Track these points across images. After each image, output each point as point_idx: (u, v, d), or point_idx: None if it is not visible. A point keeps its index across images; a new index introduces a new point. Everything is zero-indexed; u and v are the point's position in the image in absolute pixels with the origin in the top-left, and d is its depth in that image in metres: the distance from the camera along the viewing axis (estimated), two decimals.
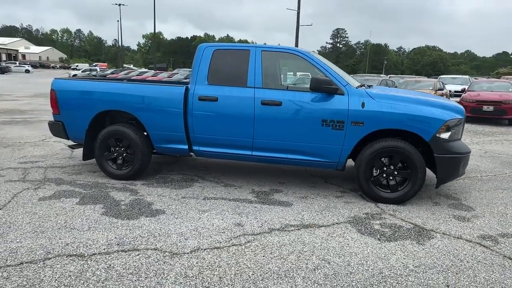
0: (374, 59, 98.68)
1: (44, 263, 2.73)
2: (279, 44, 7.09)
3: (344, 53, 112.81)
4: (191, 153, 4.77)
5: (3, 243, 3.02)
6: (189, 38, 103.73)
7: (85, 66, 57.81)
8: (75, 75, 37.65)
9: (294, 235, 3.33)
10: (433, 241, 3.29)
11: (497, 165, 6.30)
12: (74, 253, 2.89)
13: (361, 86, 4.63)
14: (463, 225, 3.66)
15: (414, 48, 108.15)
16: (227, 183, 4.86)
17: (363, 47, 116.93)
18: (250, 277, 2.63)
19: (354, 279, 2.63)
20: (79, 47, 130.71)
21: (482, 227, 3.62)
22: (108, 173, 4.86)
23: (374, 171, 4.23)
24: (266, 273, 2.68)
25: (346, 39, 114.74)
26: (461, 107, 4.44)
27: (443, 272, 2.75)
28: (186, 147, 4.67)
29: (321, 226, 3.54)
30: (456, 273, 2.74)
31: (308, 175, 5.36)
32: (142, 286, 2.49)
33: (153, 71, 35.87)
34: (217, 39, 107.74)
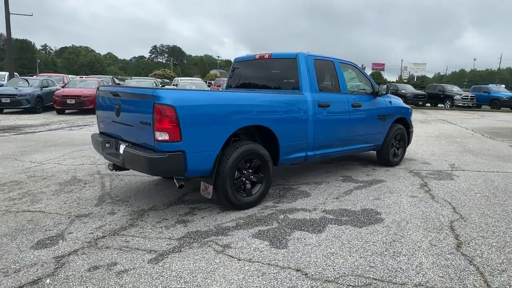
0: (21, 57, 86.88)
1: None
2: None
3: None
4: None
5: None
6: None
7: None
8: None
9: (443, 189, 4.98)
10: (460, 173, 5.95)
11: None
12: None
13: None
14: (434, 165, 6.55)
15: (66, 47, 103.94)
16: (307, 182, 5.28)
17: None
18: None
19: (493, 197, 4.85)
20: None
21: (440, 165, 6.67)
22: (237, 204, 3.99)
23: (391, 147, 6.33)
24: None
25: None
26: None
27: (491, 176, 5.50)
28: (304, 154, 4.72)
29: (434, 188, 5.32)
30: (484, 178, 5.55)
31: (322, 164, 6.51)
32: None
33: None
34: None
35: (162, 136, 3.37)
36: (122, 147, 3.97)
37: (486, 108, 26.06)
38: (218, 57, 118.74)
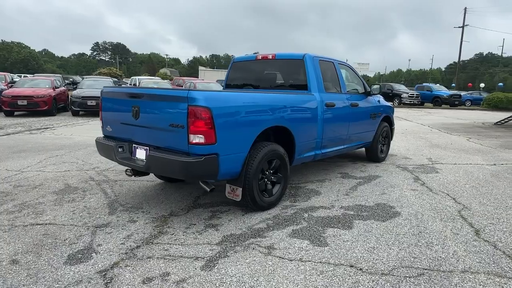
0: None
1: None
2: None
3: None
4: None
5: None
6: None
7: None
8: None
9: (435, 181, 5.36)
10: (441, 166, 6.43)
11: None
12: None
13: None
14: (415, 160, 7.02)
15: None
16: (310, 181, 5.41)
17: None
18: None
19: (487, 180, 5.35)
20: None
21: (420, 160, 7.16)
22: (261, 205, 4.00)
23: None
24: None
25: None
26: None
27: (469, 168, 6.03)
28: (314, 153, 4.82)
29: (427, 181, 5.69)
30: (463, 170, 6.09)
31: (315, 162, 6.64)
32: None
33: None
34: None
35: (197, 139, 3.27)
36: (140, 151, 3.79)
37: (428, 105, 28.26)
38: (167, 55, 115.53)
